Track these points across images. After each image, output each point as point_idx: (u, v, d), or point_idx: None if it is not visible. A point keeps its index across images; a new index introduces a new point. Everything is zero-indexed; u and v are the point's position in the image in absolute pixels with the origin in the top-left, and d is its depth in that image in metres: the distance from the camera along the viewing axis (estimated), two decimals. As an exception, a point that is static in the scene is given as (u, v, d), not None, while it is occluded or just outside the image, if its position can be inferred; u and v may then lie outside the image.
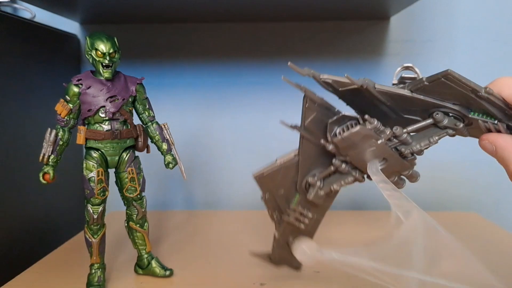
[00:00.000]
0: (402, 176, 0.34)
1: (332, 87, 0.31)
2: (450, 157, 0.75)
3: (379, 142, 0.31)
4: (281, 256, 0.42)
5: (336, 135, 0.32)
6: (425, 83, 0.28)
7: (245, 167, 0.77)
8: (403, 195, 0.27)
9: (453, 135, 0.31)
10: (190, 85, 0.77)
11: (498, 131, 0.28)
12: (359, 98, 0.31)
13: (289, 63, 0.30)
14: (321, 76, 0.30)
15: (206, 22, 0.75)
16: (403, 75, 0.31)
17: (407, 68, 0.31)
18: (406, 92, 0.29)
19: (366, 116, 0.30)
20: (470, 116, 0.29)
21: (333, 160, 0.34)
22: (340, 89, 0.30)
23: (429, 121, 0.30)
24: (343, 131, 0.31)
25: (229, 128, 0.78)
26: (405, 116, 0.31)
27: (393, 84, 0.36)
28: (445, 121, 0.30)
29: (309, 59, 0.75)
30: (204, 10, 0.64)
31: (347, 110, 0.33)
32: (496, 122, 0.28)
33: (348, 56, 0.75)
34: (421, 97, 0.29)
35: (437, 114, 0.29)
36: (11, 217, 0.56)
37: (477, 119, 0.28)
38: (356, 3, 0.62)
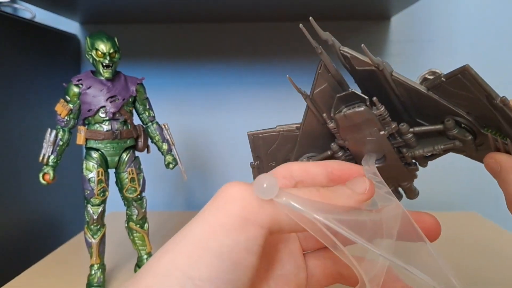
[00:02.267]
0: (399, 189, 0.33)
1: (349, 63, 0.28)
2: (449, 157, 0.75)
3: (381, 133, 0.28)
4: None
5: (340, 112, 0.29)
6: (442, 79, 0.26)
7: (245, 168, 0.77)
8: (390, 191, 0.24)
9: (461, 150, 0.29)
10: (190, 85, 0.77)
11: (508, 152, 0.26)
12: (374, 84, 0.28)
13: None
14: (341, 48, 0.28)
15: (207, 22, 0.75)
16: (426, 76, 0.30)
17: (433, 73, 0.29)
18: (422, 88, 0.27)
19: (375, 99, 0.28)
20: (482, 131, 0.27)
21: (332, 144, 0.32)
22: (357, 67, 0.28)
23: (439, 126, 0.28)
24: (348, 110, 0.28)
25: (229, 128, 0.78)
26: (417, 119, 0.29)
27: None
28: (455, 131, 0.28)
29: (309, 59, 0.75)
30: (205, 10, 0.64)
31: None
32: (508, 142, 0.26)
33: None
34: (436, 97, 0.27)
35: (449, 121, 0.28)
36: (11, 217, 0.56)
37: (488, 135, 0.26)
38: (356, 3, 0.62)
